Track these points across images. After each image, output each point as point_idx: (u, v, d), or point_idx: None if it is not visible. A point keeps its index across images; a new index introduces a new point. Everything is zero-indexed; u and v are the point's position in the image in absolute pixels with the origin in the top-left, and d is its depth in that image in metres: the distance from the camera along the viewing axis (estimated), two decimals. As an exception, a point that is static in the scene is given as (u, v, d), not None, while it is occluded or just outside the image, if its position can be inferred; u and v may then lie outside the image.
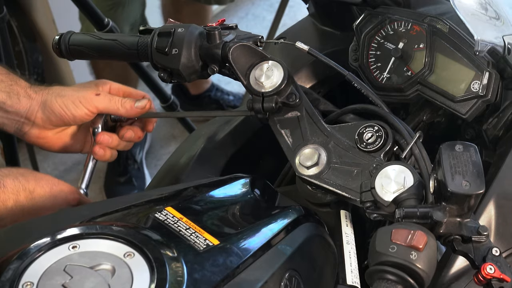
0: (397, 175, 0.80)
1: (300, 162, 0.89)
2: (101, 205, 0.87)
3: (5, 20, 1.59)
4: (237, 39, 0.96)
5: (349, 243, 0.91)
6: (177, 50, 0.94)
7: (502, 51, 0.90)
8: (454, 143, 0.75)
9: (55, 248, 0.70)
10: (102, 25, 1.66)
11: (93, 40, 1.03)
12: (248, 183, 0.92)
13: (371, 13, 1.04)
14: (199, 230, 0.77)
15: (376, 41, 1.03)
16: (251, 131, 1.14)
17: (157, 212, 0.79)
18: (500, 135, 1.00)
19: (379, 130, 0.87)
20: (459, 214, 0.74)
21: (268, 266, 0.75)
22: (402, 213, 0.74)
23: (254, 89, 0.93)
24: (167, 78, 0.98)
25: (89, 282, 0.67)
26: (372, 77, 1.03)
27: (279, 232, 0.81)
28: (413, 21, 1.00)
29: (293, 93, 0.92)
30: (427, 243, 0.69)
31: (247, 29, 1.01)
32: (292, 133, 0.92)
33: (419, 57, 0.99)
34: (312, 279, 0.82)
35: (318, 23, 1.24)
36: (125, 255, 0.70)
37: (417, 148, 0.86)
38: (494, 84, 0.95)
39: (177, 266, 0.69)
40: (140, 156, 2.45)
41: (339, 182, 0.86)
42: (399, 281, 0.68)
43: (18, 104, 0.99)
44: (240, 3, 3.17)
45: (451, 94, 0.96)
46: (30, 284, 0.66)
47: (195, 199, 0.87)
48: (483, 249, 0.75)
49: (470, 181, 0.71)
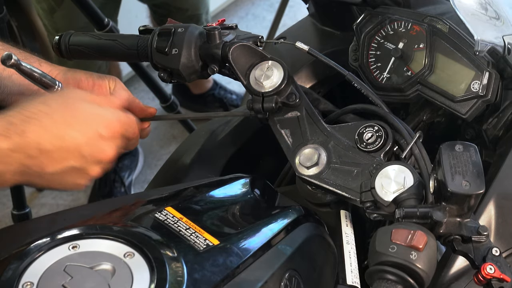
0: (397, 175, 0.80)
1: (300, 162, 0.89)
2: (101, 205, 0.87)
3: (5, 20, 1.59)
4: (237, 39, 0.96)
5: (349, 243, 0.91)
6: (177, 50, 0.94)
7: (502, 51, 0.90)
8: (454, 143, 0.75)
9: (55, 248, 0.71)
10: (102, 25, 1.66)
11: (93, 40, 1.03)
12: (248, 183, 0.92)
13: (371, 13, 1.04)
14: (199, 230, 0.77)
15: (376, 41, 1.03)
16: (251, 131, 1.14)
17: (157, 212, 0.79)
18: (500, 135, 1.00)
19: (379, 130, 0.87)
20: (459, 214, 0.74)
21: (268, 266, 0.75)
22: (402, 213, 0.74)
23: (254, 89, 0.93)
24: (167, 78, 0.98)
25: (89, 282, 0.67)
26: (372, 77, 1.03)
27: (279, 232, 0.81)
28: (413, 21, 1.00)
29: (293, 93, 0.92)
30: (427, 243, 0.69)
31: (247, 29, 1.01)
32: (292, 133, 0.92)
33: (419, 57, 0.99)
34: (312, 279, 0.82)
35: (318, 23, 1.24)
36: (125, 255, 0.70)
37: (417, 148, 0.86)
38: (494, 84, 0.95)
39: (177, 266, 0.70)
40: (129, 180, 2.38)
41: (339, 182, 0.86)
42: (399, 281, 0.68)
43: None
44: (240, 3, 3.17)
45: (451, 94, 0.96)
46: (30, 284, 0.66)
47: (195, 199, 0.87)
48: (483, 249, 0.75)
49: (470, 181, 0.71)
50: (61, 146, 0.77)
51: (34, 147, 0.75)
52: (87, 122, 0.79)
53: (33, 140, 0.75)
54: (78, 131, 0.78)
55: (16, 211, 1.73)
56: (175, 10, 2.11)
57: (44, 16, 1.91)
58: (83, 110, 0.80)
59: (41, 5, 1.88)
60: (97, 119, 0.80)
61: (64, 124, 0.77)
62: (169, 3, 2.10)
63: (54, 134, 0.76)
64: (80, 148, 0.78)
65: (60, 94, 0.86)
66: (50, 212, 0.84)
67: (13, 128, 0.74)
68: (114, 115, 0.83)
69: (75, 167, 0.79)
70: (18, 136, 0.74)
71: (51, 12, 1.88)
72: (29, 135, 0.74)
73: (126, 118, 0.85)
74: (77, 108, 0.80)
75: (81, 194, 2.39)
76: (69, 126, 0.78)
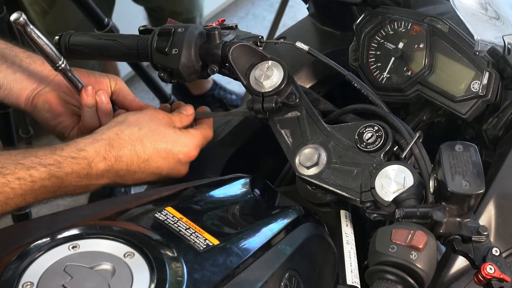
0: (397, 175, 0.80)
1: (300, 162, 0.89)
2: (101, 205, 0.87)
3: (5, 20, 1.59)
4: (237, 39, 0.96)
5: (349, 243, 0.91)
6: (177, 50, 0.94)
7: (502, 51, 0.90)
8: (454, 143, 0.75)
9: (55, 248, 0.70)
10: (102, 25, 1.66)
11: (93, 40, 1.03)
12: (248, 183, 0.92)
13: (371, 13, 1.04)
14: (199, 230, 0.77)
15: (376, 41, 1.03)
16: (251, 131, 1.14)
17: (157, 212, 0.79)
18: (500, 135, 1.00)
19: (379, 130, 0.87)
20: (459, 214, 0.74)
21: (268, 266, 0.75)
22: (402, 213, 0.74)
23: (254, 89, 0.93)
24: (167, 78, 0.98)
25: (89, 282, 0.67)
26: (372, 77, 1.03)
27: (279, 232, 0.81)
28: (413, 21, 1.00)
29: (293, 93, 0.92)
30: (427, 243, 0.69)
31: (247, 29, 1.01)
32: (292, 133, 0.92)
33: (419, 57, 0.99)
34: (312, 279, 0.82)
35: (318, 23, 1.24)
36: (125, 255, 0.70)
37: (417, 148, 0.86)
38: (494, 84, 0.94)
39: (177, 266, 0.69)
40: None
41: (339, 182, 0.86)
42: (399, 281, 0.68)
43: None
44: (240, 3, 3.17)
45: (451, 94, 0.96)
46: (30, 284, 0.66)
47: (195, 199, 0.87)
48: (483, 249, 0.75)
49: (470, 181, 0.71)
50: (146, 169, 0.91)
51: (124, 169, 0.88)
52: (171, 151, 0.92)
53: (125, 164, 0.88)
54: (164, 158, 0.91)
55: (16, 211, 1.73)
56: (169, 14, 2.10)
57: (36, 18, 1.90)
58: (169, 137, 0.92)
59: (33, 8, 1.87)
60: (180, 148, 0.93)
61: (152, 151, 0.90)
62: (163, 7, 2.09)
63: (143, 159, 0.90)
64: (161, 172, 0.93)
65: (150, 117, 0.94)
66: (50, 212, 0.83)
67: (112, 152, 0.87)
68: (192, 142, 0.95)
69: (153, 181, 0.95)
70: (114, 159, 0.87)
71: (43, 15, 1.87)
72: (123, 159, 0.88)
73: (202, 142, 0.97)
74: (164, 135, 0.92)
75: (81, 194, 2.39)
76: (157, 154, 0.91)
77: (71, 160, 0.83)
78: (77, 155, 0.83)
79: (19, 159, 0.80)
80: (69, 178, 0.83)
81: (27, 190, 0.79)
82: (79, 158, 0.83)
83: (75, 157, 0.83)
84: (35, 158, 0.81)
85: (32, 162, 0.80)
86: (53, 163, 0.81)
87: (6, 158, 0.79)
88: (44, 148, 0.83)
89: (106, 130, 0.89)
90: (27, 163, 0.80)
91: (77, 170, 0.83)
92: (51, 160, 0.81)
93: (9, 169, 0.78)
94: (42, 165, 0.80)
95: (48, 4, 1.84)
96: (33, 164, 0.80)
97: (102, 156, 0.85)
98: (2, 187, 0.77)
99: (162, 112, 0.97)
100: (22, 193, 0.79)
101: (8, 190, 0.77)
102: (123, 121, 0.91)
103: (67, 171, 0.82)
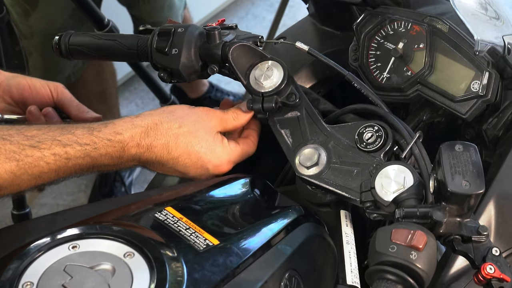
0: (397, 175, 0.80)
1: (300, 162, 0.89)
2: (101, 205, 0.86)
3: (5, 20, 1.59)
4: (237, 39, 0.96)
5: (349, 243, 0.91)
6: (177, 50, 0.94)
7: (502, 51, 0.90)
8: (454, 143, 0.75)
9: (55, 248, 0.70)
10: (102, 25, 1.66)
11: (93, 40, 1.03)
12: (248, 183, 0.92)
13: (371, 13, 1.04)
14: (199, 230, 0.77)
15: (376, 41, 1.03)
16: (251, 131, 1.13)
17: (157, 212, 0.79)
18: (500, 135, 1.00)
19: (379, 130, 0.87)
20: (459, 214, 0.74)
21: (268, 266, 0.75)
22: (402, 213, 0.74)
23: (254, 89, 0.93)
24: (167, 78, 0.98)
25: (89, 282, 0.67)
26: (372, 77, 1.03)
27: (279, 232, 0.81)
28: (413, 21, 1.00)
29: (293, 93, 0.92)
30: (427, 243, 0.69)
31: (247, 29, 1.01)
32: (292, 133, 0.92)
33: (419, 57, 0.99)
34: (312, 279, 0.82)
35: (318, 23, 1.24)
36: (125, 255, 0.70)
37: (417, 148, 0.86)
38: (494, 84, 0.94)
39: (177, 266, 0.69)
40: (130, 180, 2.39)
41: (339, 182, 0.86)
42: (399, 281, 0.68)
43: None
44: (240, 3, 3.17)
45: (451, 94, 0.96)
46: (30, 284, 0.66)
47: (195, 199, 0.87)
48: (483, 249, 0.75)
49: (470, 181, 0.71)
50: (173, 166, 0.90)
51: (153, 159, 0.88)
52: (202, 158, 0.91)
53: (155, 155, 0.88)
54: (193, 162, 0.90)
55: (16, 211, 1.74)
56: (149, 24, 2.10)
57: (19, 20, 1.87)
58: (205, 143, 0.91)
59: (15, 9, 1.84)
60: (211, 158, 0.91)
61: (183, 152, 0.90)
62: (144, 18, 2.06)
63: (172, 156, 0.89)
64: (187, 173, 0.92)
65: (197, 118, 0.92)
66: (50, 212, 0.84)
67: (147, 140, 0.86)
68: (227, 156, 0.93)
69: (179, 176, 0.96)
70: (146, 148, 0.87)
71: (25, 16, 1.84)
72: (155, 150, 0.87)
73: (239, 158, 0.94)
74: (201, 140, 0.90)
75: (81, 194, 2.40)
76: (187, 156, 0.90)
77: (106, 142, 0.84)
78: (113, 138, 0.84)
79: (57, 135, 0.81)
80: (103, 158, 0.84)
81: (61, 166, 0.81)
82: (115, 141, 0.84)
83: (111, 140, 0.84)
84: (72, 136, 0.82)
85: (69, 139, 0.81)
86: (89, 143, 0.82)
87: (44, 133, 0.80)
88: (82, 126, 0.84)
89: (148, 116, 0.89)
90: (64, 140, 0.81)
91: (111, 152, 0.84)
92: (87, 140, 0.82)
93: (46, 144, 0.79)
94: (79, 144, 0.81)
95: (30, 5, 1.82)
96: (70, 142, 0.81)
97: (136, 142, 0.86)
98: (38, 161, 0.78)
99: (212, 114, 0.94)
100: (56, 169, 0.80)
101: (43, 164, 0.79)
102: (170, 112, 0.91)
103: (102, 152, 0.83)
